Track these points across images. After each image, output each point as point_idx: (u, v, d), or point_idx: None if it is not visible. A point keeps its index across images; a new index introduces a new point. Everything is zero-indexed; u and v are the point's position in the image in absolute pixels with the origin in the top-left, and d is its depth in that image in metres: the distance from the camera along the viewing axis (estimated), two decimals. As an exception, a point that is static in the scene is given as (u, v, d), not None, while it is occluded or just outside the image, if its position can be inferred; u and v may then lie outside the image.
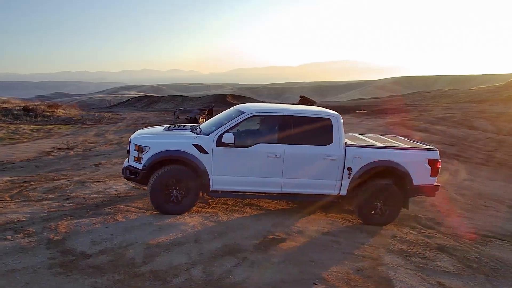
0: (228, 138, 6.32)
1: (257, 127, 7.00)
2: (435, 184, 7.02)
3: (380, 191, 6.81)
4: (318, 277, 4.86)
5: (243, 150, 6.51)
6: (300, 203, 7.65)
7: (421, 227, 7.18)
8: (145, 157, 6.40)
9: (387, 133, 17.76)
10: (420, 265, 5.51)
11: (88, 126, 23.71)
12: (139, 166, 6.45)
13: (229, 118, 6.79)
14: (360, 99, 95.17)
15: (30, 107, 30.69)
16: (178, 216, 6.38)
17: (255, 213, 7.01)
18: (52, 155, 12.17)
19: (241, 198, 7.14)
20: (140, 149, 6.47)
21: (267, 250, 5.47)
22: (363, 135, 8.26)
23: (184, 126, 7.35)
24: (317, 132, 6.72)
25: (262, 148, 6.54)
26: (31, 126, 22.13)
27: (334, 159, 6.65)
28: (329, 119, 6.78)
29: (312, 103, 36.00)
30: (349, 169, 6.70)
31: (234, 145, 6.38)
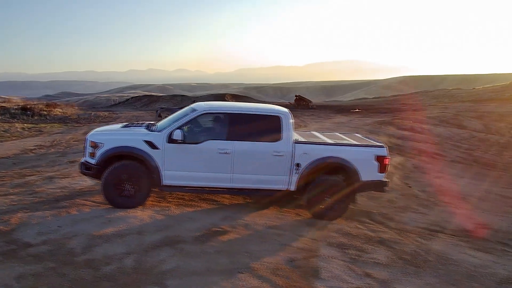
0: (177, 134, 6.58)
1: (210, 124, 7.25)
2: (384, 180, 7.22)
3: (328, 186, 7.03)
4: (246, 266, 5.09)
5: (194, 146, 6.76)
6: (256, 198, 7.88)
7: (371, 222, 7.38)
8: (99, 152, 6.67)
9: (371, 132, 18.00)
10: (354, 257, 5.71)
11: (81, 125, 24.09)
12: (93, 162, 6.73)
13: (183, 116, 7.04)
14: (364, 98, 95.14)
15: (28, 106, 31.17)
16: (130, 210, 6.64)
17: (208, 207, 7.26)
18: (32, 153, 12.51)
19: (193, 192, 7.38)
20: (95, 145, 6.74)
21: (206, 242, 5.71)
22: (321, 133, 8.46)
23: (142, 123, 7.61)
24: (266, 129, 6.95)
25: (212, 145, 6.78)
26: (25, 124, 22.54)
27: (283, 156, 6.88)
28: (278, 116, 7.00)
29: (307, 102, 36.23)
30: (298, 165, 6.93)
31: (184, 142, 6.64)
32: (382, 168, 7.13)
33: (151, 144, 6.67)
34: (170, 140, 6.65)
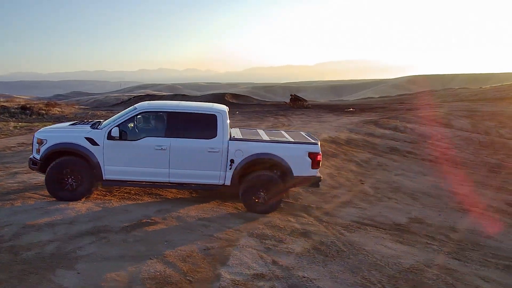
0: (115, 132, 7.02)
1: (151, 122, 7.67)
2: (317, 175, 7.57)
3: (262, 181, 7.40)
4: (159, 254, 5.47)
5: (132, 143, 7.19)
6: (201, 193, 8.28)
7: (305, 215, 7.71)
8: (43, 149, 7.14)
9: (352, 131, 18.25)
10: (270, 246, 6.07)
11: (74, 123, 24.70)
12: (38, 157, 7.19)
13: (125, 114, 7.47)
14: (369, 97, 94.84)
15: (28, 105, 31.93)
16: (71, 202, 7.08)
17: (150, 200, 7.68)
18: (11, 150, 13.06)
19: (135, 186, 7.79)
20: (40, 142, 7.22)
21: (131, 231, 6.11)
22: (265, 130, 8.81)
23: (89, 122, 8.06)
24: (202, 126, 7.36)
25: (149, 141, 7.21)
26: (20, 123, 23.20)
27: (218, 152, 7.27)
28: (214, 115, 7.39)
29: (302, 102, 36.60)
30: (232, 161, 7.31)
31: (121, 139, 7.07)
32: (315, 164, 7.47)
33: (91, 141, 7.11)
34: (110, 137, 7.09)
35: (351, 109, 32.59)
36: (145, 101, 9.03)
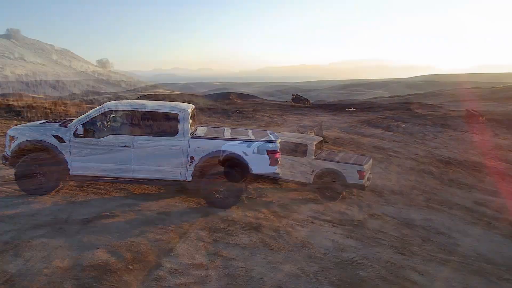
0: (80, 129, 7.41)
1: (117, 120, 8.04)
2: (276, 172, 7.86)
3: (221, 177, 7.70)
4: (108, 244, 5.81)
5: (98, 140, 7.57)
6: (169, 188, 8.63)
7: (264, 210, 8.01)
8: (13, 145, 7.56)
9: (343, 130, 18.42)
10: (218, 239, 6.39)
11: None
12: (9, 153, 7.62)
13: (92, 113, 7.85)
14: (380, 97, 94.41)
15: (34, 104, 32.67)
16: (39, 196, 7.49)
17: (116, 195, 8.05)
18: (1, 147, 13.59)
19: (100, 182, 8.15)
20: (12, 139, 7.64)
21: (88, 224, 6.48)
22: (232, 129, 9.09)
23: (59, 120, 8.47)
24: (165, 125, 7.70)
25: (113, 139, 7.57)
26: (22, 122, 23.87)
27: (179, 149, 7.62)
28: (177, 114, 7.73)
29: (304, 101, 36.78)
30: (192, 158, 7.65)
31: (87, 136, 7.46)
32: (273, 162, 7.76)
33: (58, 138, 7.51)
34: (75, 134, 7.48)
35: (352, 109, 32.67)
36: (149, 100, 9.37)
